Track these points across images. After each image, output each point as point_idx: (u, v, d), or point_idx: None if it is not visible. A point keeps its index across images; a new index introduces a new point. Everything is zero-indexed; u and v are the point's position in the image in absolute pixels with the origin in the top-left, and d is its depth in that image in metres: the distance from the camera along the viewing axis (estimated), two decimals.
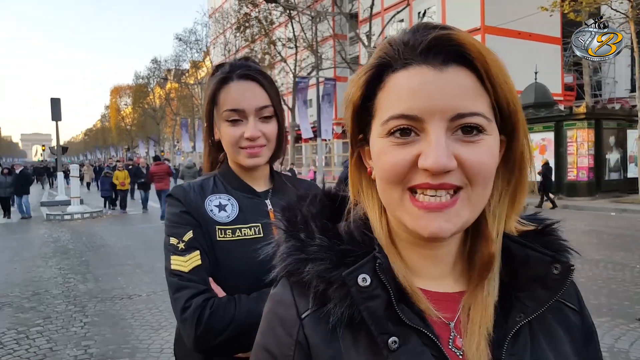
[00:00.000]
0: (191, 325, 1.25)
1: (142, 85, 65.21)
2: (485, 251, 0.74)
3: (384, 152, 0.69)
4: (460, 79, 0.66)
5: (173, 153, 57.56)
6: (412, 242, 0.75)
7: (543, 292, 0.74)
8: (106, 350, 5.02)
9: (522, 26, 27.49)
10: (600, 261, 8.32)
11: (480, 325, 0.71)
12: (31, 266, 9.36)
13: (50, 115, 19.38)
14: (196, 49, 49.63)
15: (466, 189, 0.66)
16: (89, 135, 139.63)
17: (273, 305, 0.79)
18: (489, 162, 0.67)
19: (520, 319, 0.72)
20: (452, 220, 0.66)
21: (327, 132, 27.34)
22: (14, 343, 5.29)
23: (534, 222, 0.81)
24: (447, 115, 0.65)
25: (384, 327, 0.69)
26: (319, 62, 30.28)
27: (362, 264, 0.71)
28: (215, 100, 1.47)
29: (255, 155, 1.46)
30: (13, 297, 7.13)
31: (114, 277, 8.25)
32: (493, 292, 0.74)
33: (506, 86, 0.68)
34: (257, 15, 32.38)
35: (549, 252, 0.75)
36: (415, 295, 0.72)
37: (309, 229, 0.76)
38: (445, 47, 0.66)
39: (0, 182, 17.51)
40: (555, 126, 18.82)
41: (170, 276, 1.33)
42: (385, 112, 0.69)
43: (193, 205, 1.40)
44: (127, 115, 78.99)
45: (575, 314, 0.81)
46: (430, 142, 0.65)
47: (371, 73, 0.72)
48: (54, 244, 11.99)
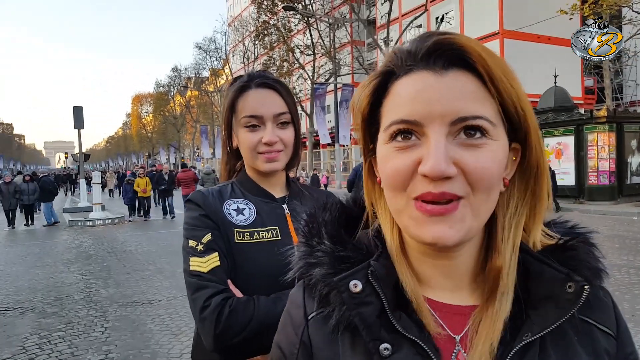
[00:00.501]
0: (210, 324, 1.26)
1: (163, 93, 66.06)
2: (493, 264, 0.72)
3: (387, 157, 0.69)
4: (461, 82, 0.65)
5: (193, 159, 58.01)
6: (423, 252, 0.74)
7: (554, 312, 0.70)
8: (127, 355, 5.08)
9: (541, 30, 27.16)
10: (622, 266, 8.18)
11: (485, 340, 0.69)
12: (53, 272, 9.51)
13: (73, 123, 19.65)
14: (215, 57, 50.22)
15: (468, 197, 0.65)
16: (110, 143, 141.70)
17: (288, 305, 0.83)
18: (492, 168, 0.65)
19: (527, 337, 0.69)
20: (455, 226, 0.65)
21: (345, 137, 27.40)
22: (37, 348, 5.37)
23: (565, 233, 0.77)
24: (448, 119, 0.64)
25: (376, 334, 0.70)
26: (337, 69, 30.37)
27: (355, 270, 0.72)
28: (234, 108, 1.51)
29: (273, 160, 1.49)
30: (36, 303, 7.24)
31: (134, 282, 8.34)
32: (505, 307, 0.71)
33: (512, 90, 0.66)
34: (275, 23, 32.61)
35: (564, 270, 0.70)
36: (418, 305, 0.72)
37: (319, 235, 0.79)
38: (446, 52, 0.66)
39: (23, 189, 17.45)
40: (575, 130, 18.49)
41: (189, 277, 1.35)
42: (387, 118, 0.69)
43: (212, 209, 1.43)
44: (148, 122, 79.94)
45: (608, 339, 0.75)
46: (429, 147, 0.64)
47: (377, 82, 0.72)
48: (76, 250, 12.16)
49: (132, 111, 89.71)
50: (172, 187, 18.80)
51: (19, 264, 10.53)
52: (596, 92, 34.15)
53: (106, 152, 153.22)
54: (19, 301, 7.36)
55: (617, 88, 32.89)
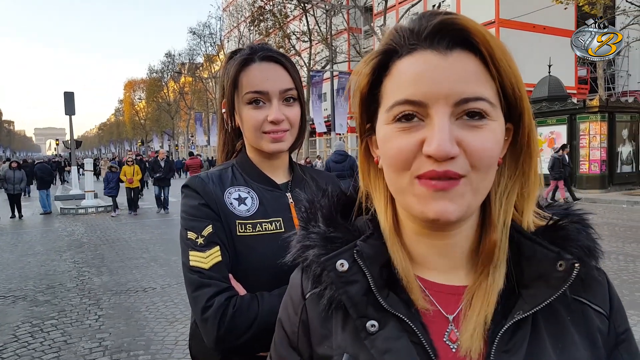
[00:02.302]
0: (213, 325, 1.19)
1: (156, 79, 65.53)
2: (488, 239, 0.73)
3: (389, 138, 0.69)
4: (465, 63, 0.66)
5: (187, 147, 57.78)
6: (419, 233, 0.75)
7: (545, 290, 0.70)
8: (121, 342, 5.03)
9: (537, 19, 27.25)
10: (612, 253, 8.30)
11: (479, 312, 0.71)
12: (45, 260, 9.43)
13: (64, 109, 19.39)
14: (210, 42, 49.76)
15: (469, 175, 0.66)
16: (103, 130, 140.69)
17: (289, 287, 0.86)
18: (492, 148, 0.66)
19: (519, 315, 0.70)
20: (457, 201, 0.66)
21: (341, 126, 27.32)
22: (29, 336, 5.32)
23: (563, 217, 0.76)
24: (452, 100, 0.64)
25: (362, 311, 0.72)
26: (334, 56, 30.20)
27: (342, 250, 0.75)
28: (237, 83, 1.39)
29: (279, 140, 1.38)
30: (27, 291, 7.17)
31: (128, 270, 8.29)
32: (498, 280, 0.72)
33: (511, 71, 0.67)
34: (271, 9, 32.29)
35: (554, 249, 0.72)
36: (408, 283, 0.73)
37: (315, 219, 0.81)
38: (449, 32, 0.66)
39: (9, 177, 15.86)
40: (568, 119, 18.69)
41: (190, 273, 1.26)
42: (390, 99, 0.69)
43: (212, 197, 1.33)
44: (141, 109, 79.41)
45: (601, 318, 0.76)
46: (433, 128, 0.64)
47: (377, 60, 0.72)
48: (68, 238, 12.07)
49: (125, 97, 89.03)
50: (169, 176, 16.70)
51: (10, 252, 10.44)
52: (589, 82, 34.56)
53: (98, 139, 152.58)
54: (10, 289, 7.28)
55: (610, 78, 33.44)
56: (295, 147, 1.51)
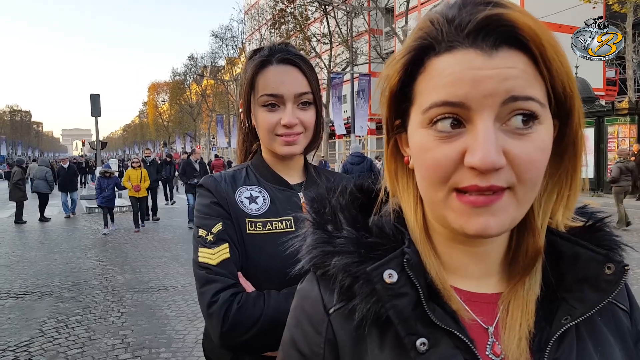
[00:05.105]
0: (217, 321, 1.20)
1: (179, 81, 66.09)
2: (532, 244, 0.68)
3: (427, 147, 0.62)
4: (512, 62, 0.59)
5: (209, 149, 58.22)
6: (452, 238, 0.70)
7: (593, 294, 0.66)
8: (143, 340, 5.11)
9: (564, 19, 26.77)
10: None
11: (521, 322, 0.66)
12: (71, 257, 9.61)
13: (90, 111, 19.72)
14: (232, 45, 50.01)
15: (514, 188, 0.60)
16: (127, 131, 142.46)
17: (300, 301, 0.76)
18: (541, 159, 0.60)
19: (566, 322, 0.66)
20: (500, 215, 0.60)
21: (361, 128, 27.19)
22: (54, 331, 5.43)
23: (583, 217, 0.73)
24: (499, 99, 0.58)
25: (412, 328, 0.64)
26: (354, 58, 30.14)
27: (389, 259, 0.66)
28: (253, 84, 1.40)
29: (291, 144, 1.39)
30: (53, 287, 7.33)
31: (151, 268, 8.41)
32: (535, 287, 0.68)
33: (562, 69, 0.60)
34: (292, 11, 32.40)
35: (602, 251, 0.68)
36: (447, 294, 0.67)
37: (336, 221, 0.73)
38: (497, 29, 0.58)
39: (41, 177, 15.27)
40: (596, 122, 18.29)
41: (198, 269, 1.28)
42: (426, 99, 0.62)
43: (223, 196, 1.35)
44: (164, 111, 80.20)
45: (626, 316, 0.74)
46: (477, 136, 0.58)
47: (411, 56, 0.64)
48: (93, 236, 12.28)
49: (149, 99, 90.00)
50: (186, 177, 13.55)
51: (37, 249, 10.66)
52: (618, 84, 33.69)
53: (123, 140, 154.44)
54: (37, 285, 7.44)
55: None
56: (311, 149, 1.51)
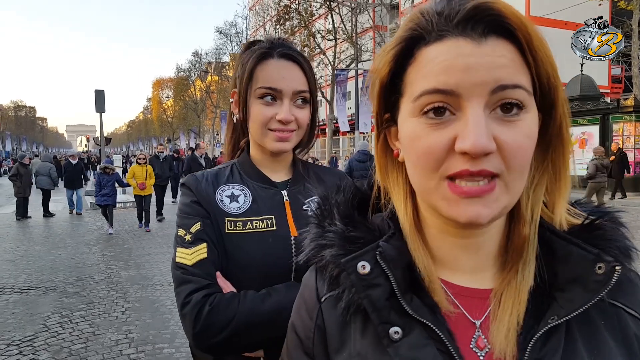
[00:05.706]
0: (190, 322, 1.19)
1: (184, 78, 66.14)
2: (518, 233, 0.69)
3: (417, 135, 0.63)
4: (500, 50, 0.60)
5: (213, 145, 58.25)
6: (443, 230, 0.71)
7: (582, 294, 0.65)
8: (146, 335, 5.12)
9: (569, 16, 26.64)
10: None
11: (511, 311, 0.66)
12: (75, 253, 9.63)
13: (95, 107, 19.70)
14: (236, 41, 50.00)
15: (503, 175, 0.61)
16: (131, 127, 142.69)
17: (302, 289, 0.82)
18: (527, 145, 0.62)
19: (553, 321, 0.65)
20: (491, 205, 0.61)
21: (365, 125, 27.16)
22: (58, 326, 5.45)
23: (593, 215, 0.72)
24: (488, 87, 0.59)
25: (385, 317, 0.67)
26: (359, 54, 30.09)
27: (363, 251, 0.70)
28: (252, 75, 1.37)
29: (283, 140, 1.37)
30: (57, 282, 7.35)
31: (154, 264, 8.42)
32: (528, 277, 0.68)
33: (547, 59, 0.62)
34: (297, 7, 32.33)
35: (593, 250, 0.66)
36: (432, 286, 0.69)
37: (331, 217, 0.77)
38: (484, 18, 0.60)
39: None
40: (601, 119, 18.24)
41: (175, 269, 1.28)
42: (416, 88, 0.63)
43: (203, 195, 1.34)
44: (168, 107, 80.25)
45: (637, 323, 0.70)
46: (467, 121, 0.59)
47: (400, 47, 0.66)
48: (97, 232, 12.30)
49: (153, 96, 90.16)
50: None
51: (41, 244, 10.69)
52: (623, 81, 33.55)
53: (127, 136, 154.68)
54: (42, 281, 7.47)
55: None
56: (302, 147, 1.50)
